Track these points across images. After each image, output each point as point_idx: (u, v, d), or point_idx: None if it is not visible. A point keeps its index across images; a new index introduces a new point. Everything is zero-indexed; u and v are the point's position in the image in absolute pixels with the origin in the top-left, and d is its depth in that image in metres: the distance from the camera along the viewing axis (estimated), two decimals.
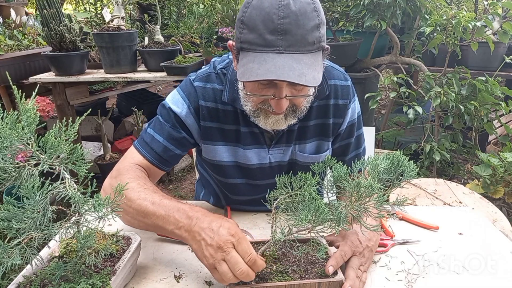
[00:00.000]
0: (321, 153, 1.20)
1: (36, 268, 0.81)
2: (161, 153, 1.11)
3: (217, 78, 1.13)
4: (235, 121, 1.13)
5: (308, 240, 0.92)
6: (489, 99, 2.44)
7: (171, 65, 2.37)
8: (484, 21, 2.43)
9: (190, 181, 3.54)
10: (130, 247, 0.90)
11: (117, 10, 2.44)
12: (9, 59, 2.69)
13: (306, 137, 1.17)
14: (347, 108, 1.18)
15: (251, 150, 1.16)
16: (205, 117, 1.12)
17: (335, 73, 1.18)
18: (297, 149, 1.18)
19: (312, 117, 1.15)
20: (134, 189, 0.97)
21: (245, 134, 1.14)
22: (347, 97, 1.18)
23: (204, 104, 1.11)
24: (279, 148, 1.17)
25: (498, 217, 1.78)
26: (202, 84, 1.13)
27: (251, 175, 1.20)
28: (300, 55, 0.88)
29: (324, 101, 1.15)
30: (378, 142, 3.07)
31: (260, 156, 1.17)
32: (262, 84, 0.94)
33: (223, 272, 0.79)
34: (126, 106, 3.98)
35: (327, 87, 1.14)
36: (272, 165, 1.18)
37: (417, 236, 1.12)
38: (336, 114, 1.18)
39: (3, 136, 0.68)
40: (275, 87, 0.93)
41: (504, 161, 2.12)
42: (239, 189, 1.23)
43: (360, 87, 2.87)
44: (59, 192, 0.72)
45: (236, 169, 1.19)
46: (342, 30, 3.11)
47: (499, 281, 0.95)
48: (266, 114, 1.01)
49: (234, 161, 1.17)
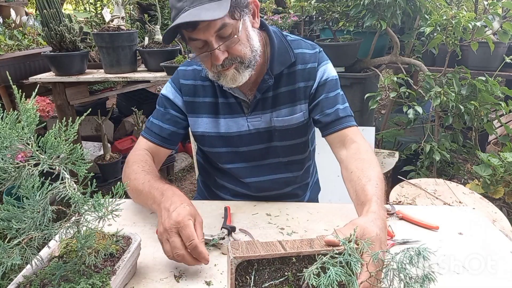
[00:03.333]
0: (294, 115, 1.28)
1: (36, 268, 0.81)
2: (160, 133, 1.30)
3: (197, 62, 1.28)
4: (213, 94, 1.28)
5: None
6: (489, 99, 2.44)
7: (171, 65, 2.37)
8: (484, 21, 2.43)
9: (190, 181, 3.54)
10: (130, 247, 0.90)
11: (117, 10, 2.44)
12: (9, 59, 2.69)
13: (280, 103, 1.28)
14: (316, 70, 1.27)
15: (230, 119, 1.29)
16: (186, 93, 1.30)
17: (303, 44, 1.30)
18: (274, 115, 1.28)
19: (283, 84, 1.27)
20: (136, 172, 1.18)
21: (223, 105, 1.28)
22: (315, 61, 1.27)
23: (185, 82, 1.30)
24: (256, 116, 1.28)
25: (498, 217, 1.78)
26: (184, 67, 1.33)
27: (232, 143, 1.31)
28: (203, 5, 1.02)
29: (292, 68, 1.26)
30: (378, 142, 3.07)
31: (239, 124, 1.29)
32: (199, 48, 1.10)
33: (165, 251, 0.94)
34: (126, 106, 3.97)
35: (293, 54, 1.25)
36: (251, 132, 1.29)
37: (417, 236, 1.12)
38: (305, 78, 1.27)
39: (3, 136, 0.68)
40: (207, 44, 1.08)
41: (504, 161, 2.12)
42: (224, 157, 1.35)
43: (360, 87, 2.87)
44: (59, 192, 0.72)
45: (218, 139, 1.31)
46: (342, 30, 3.11)
47: (499, 281, 0.95)
48: (222, 74, 1.13)
49: (215, 131, 1.30)
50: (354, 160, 1.16)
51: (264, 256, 0.76)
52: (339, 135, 1.24)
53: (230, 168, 1.36)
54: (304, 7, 3.18)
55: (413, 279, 0.71)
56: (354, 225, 0.86)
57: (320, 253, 0.76)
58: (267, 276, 0.77)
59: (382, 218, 0.93)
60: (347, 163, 1.17)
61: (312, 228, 1.17)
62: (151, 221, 1.20)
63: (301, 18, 3.92)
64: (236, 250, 0.76)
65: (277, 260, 0.77)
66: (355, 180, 1.10)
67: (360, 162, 1.14)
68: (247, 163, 1.35)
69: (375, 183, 1.05)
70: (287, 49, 1.25)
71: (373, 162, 1.14)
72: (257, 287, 0.76)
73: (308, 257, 0.78)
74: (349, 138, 1.22)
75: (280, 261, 0.78)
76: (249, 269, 0.76)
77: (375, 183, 1.05)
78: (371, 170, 1.09)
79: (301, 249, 0.78)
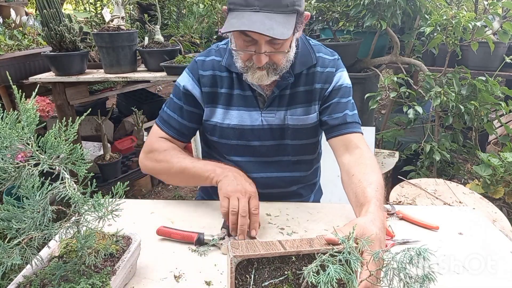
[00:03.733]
0: (309, 115, 1.30)
1: (36, 268, 0.81)
2: (178, 127, 1.32)
3: (216, 52, 1.32)
4: (230, 85, 1.29)
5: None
6: (489, 99, 2.44)
7: (171, 65, 2.37)
8: (484, 21, 2.43)
9: None
10: (130, 247, 0.91)
11: (117, 10, 2.44)
12: (9, 59, 2.69)
13: (296, 102, 1.29)
14: (334, 74, 1.30)
15: (245, 112, 1.29)
16: (205, 84, 1.30)
17: (323, 50, 1.34)
18: (289, 113, 1.29)
19: (301, 83, 1.28)
20: (170, 153, 1.27)
21: (238, 97, 1.29)
22: (333, 66, 1.31)
23: (203, 73, 1.30)
24: (271, 112, 1.29)
25: (498, 217, 1.78)
26: (202, 58, 1.32)
27: (244, 136, 1.31)
28: (273, 14, 1.04)
29: (312, 69, 1.29)
30: (378, 142, 3.07)
31: (253, 118, 1.29)
32: (246, 42, 1.11)
33: (231, 205, 1.07)
34: (126, 106, 3.97)
35: (314, 57, 1.29)
36: (264, 127, 1.30)
37: (417, 236, 1.12)
38: (323, 80, 1.29)
39: (3, 136, 0.68)
40: (255, 44, 1.09)
41: (504, 161, 2.12)
42: (234, 150, 1.35)
43: (360, 87, 2.86)
44: (59, 192, 0.72)
45: (230, 130, 1.31)
46: (342, 30, 3.11)
47: (499, 281, 0.95)
48: (252, 70, 1.16)
49: (227, 123, 1.31)
50: (357, 164, 1.16)
51: (264, 255, 0.76)
52: (344, 139, 1.24)
53: (238, 161, 1.35)
54: (304, 7, 3.17)
55: (413, 278, 0.72)
56: (353, 224, 0.86)
57: (319, 252, 0.76)
58: (267, 275, 0.77)
59: (381, 218, 0.94)
60: (349, 168, 1.18)
61: (312, 228, 1.17)
62: (151, 221, 1.20)
63: None
64: (236, 249, 0.76)
65: (277, 259, 0.78)
66: (356, 183, 1.10)
67: (362, 166, 1.15)
68: (256, 157, 1.35)
69: (376, 187, 1.06)
70: (309, 51, 1.29)
71: (375, 168, 1.15)
72: (257, 286, 0.77)
73: (308, 256, 0.79)
74: (353, 143, 1.23)
75: (280, 260, 0.78)
76: (249, 268, 0.77)
77: (376, 187, 1.06)
78: (373, 176, 1.11)
79: (301, 248, 0.78)
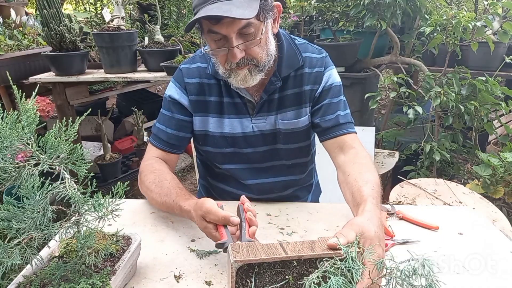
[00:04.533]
0: (300, 118, 1.28)
1: (36, 268, 0.81)
2: (168, 140, 1.29)
3: (201, 58, 1.29)
4: (218, 93, 1.26)
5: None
6: (489, 99, 2.44)
7: (171, 65, 2.37)
8: (484, 21, 2.43)
9: (190, 181, 3.54)
10: (130, 247, 0.90)
11: (117, 10, 2.44)
12: (9, 59, 2.69)
13: (285, 106, 1.27)
14: (323, 74, 1.27)
15: (235, 120, 1.27)
16: (192, 92, 1.27)
17: (310, 48, 1.30)
18: (279, 118, 1.27)
19: (289, 86, 1.26)
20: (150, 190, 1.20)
21: (228, 105, 1.26)
22: (321, 65, 1.27)
23: (189, 81, 1.27)
24: (261, 117, 1.27)
25: (498, 217, 1.78)
26: (187, 65, 1.30)
27: (236, 143, 1.30)
28: (233, 1, 1.01)
29: (300, 71, 1.26)
30: (378, 142, 3.07)
31: (244, 125, 1.28)
32: (217, 41, 1.08)
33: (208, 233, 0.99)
34: (126, 106, 3.97)
35: (301, 58, 1.26)
36: (255, 133, 1.28)
37: (417, 236, 1.12)
38: (312, 81, 1.27)
39: (3, 136, 0.68)
40: (226, 40, 1.06)
41: (504, 161, 2.12)
42: (227, 158, 1.33)
43: (360, 87, 2.87)
44: (59, 192, 0.72)
45: (222, 139, 1.29)
46: (342, 30, 3.11)
47: (499, 281, 0.95)
48: (234, 73, 1.13)
49: (219, 131, 1.29)
50: (352, 164, 1.16)
51: (265, 260, 0.76)
52: (338, 141, 1.24)
53: (232, 169, 1.34)
54: (304, 7, 3.18)
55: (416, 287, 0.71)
56: (352, 225, 0.86)
57: (321, 257, 0.76)
58: (267, 279, 0.77)
59: (378, 216, 0.94)
60: (344, 167, 1.17)
61: (312, 228, 1.17)
62: (151, 221, 1.20)
63: (301, 18, 3.92)
64: (236, 253, 0.75)
65: (278, 263, 0.77)
66: (351, 182, 1.10)
67: (358, 166, 1.14)
68: (250, 164, 1.33)
69: (372, 186, 1.05)
70: (295, 52, 1.26)
71: (371, 167, 1.15)
72: None
73: (309, 261, 0.78)
74: (348, 144, 1.22)
75: (281, 265, 0.77)
76: (250, 272, 0.76)
77: (372, 186, 1.05)
78: (368, 175, 1.10)
79: (302, 252, 0.77)
